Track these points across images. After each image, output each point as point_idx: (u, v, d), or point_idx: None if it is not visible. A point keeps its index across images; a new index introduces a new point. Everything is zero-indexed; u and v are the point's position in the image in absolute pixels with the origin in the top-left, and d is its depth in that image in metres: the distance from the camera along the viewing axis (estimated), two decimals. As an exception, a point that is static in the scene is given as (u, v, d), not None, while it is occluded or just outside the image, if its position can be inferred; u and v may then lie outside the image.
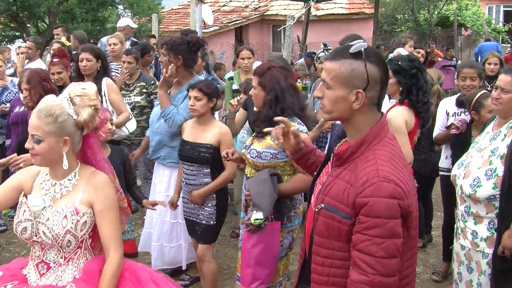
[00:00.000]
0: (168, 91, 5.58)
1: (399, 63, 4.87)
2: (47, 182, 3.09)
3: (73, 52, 8.75)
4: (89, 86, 3.05)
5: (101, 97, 6.16)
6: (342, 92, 2.51)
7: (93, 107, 2.97)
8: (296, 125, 4.18)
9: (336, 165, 2.65)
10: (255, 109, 4.59)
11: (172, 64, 5.42)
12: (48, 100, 2.97)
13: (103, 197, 3.04)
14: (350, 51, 2.48)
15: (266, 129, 3.48)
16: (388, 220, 2.37)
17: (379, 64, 2.50)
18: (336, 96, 2.53)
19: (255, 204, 4.09)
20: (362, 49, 2.48)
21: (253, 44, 19.76)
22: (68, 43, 9.13)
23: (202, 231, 5.09)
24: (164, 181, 5.71)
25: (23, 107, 6.89)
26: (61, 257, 3.04)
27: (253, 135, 4.52)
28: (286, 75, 4.42)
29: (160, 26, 17.95)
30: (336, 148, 2.73)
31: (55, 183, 3.06)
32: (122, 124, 6.24)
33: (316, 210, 2.66)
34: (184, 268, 5.80)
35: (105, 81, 6.29)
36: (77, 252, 3.06)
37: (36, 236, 3.01)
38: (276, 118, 3.22)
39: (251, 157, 4.36)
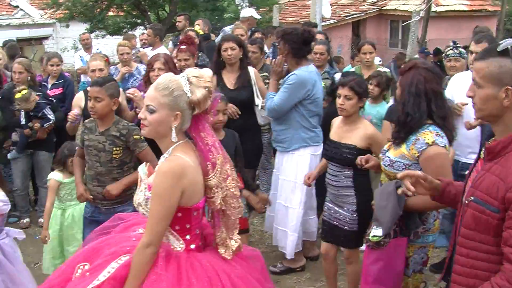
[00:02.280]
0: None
1: None
2: None
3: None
4: (206, 70, 3.13)
5: (252, 86, 6.22)
6: (491, 90, 2.62)
7: (207, 89, 3.02)
8: (434, 137, 3.82)
9: (487, 160, 2.72)
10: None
11: (280, 56, 5.55)
12: (167, 76, 3.13)
13: (154, 184, 3.04)
14: (498, 49, 2.56)
15: (399, 175, 3.23)
16: None
17: None
18: (486, 95, 2.64)
19: (376, 219, 3.87)
20: (509, 47, 2.53)
21: (369, 38, 19.39)
22: (201, 32, 9.19)
23: (344, 236, 4.90)
24: (277, 161, 5.99)
25: (144, 92, 7.00)
26: None
27: (391, 140, 4.18)
28: (428, 78, 3.89)
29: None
30: (489, 142, 2.78)
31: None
32: None
33: (466, 202, 2.74)
34: (289, 257, 5.82)
35: (252, 69, 6.40)
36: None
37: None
38: (399, 175, 3.19)
39: (384, 164, 4.08)
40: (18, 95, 6.77)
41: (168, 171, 3.00)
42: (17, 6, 27.65)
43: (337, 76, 6.19)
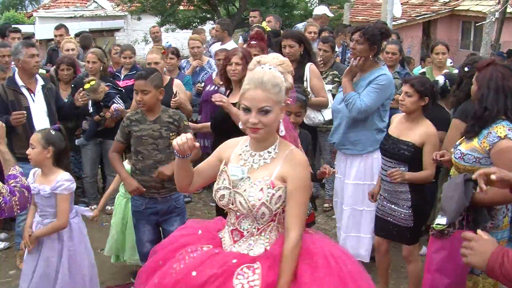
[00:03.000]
0: None
1: None
2: (246, 152, 3.15)
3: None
4: (277, 54, 3.12)
5: (303, 82, 6.17)
6: None
7: (291, 72, 3.01)
8: (507, 131, 3.88)
9: None
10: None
11: (360, 57, 5.39)
12: (265, 72, 2.99)
13: (297, 177, 3.01)
14: None
15: (474, 176, 3.12)
16: None
17: None
18: None
19: (442, 208, 3.89)
20: None
21: (440, 39, 19.01)
22: (268, 28, 9.21)
23: (398, 232, 4.94)
24: (341, 166, 5.77)
25: (214, 86, 7.06)
26: (254, 228, 3.09)
27: (464, 133, 4.22)
28: (506, 75, 4.00)
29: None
30: None
31: (254, 154, 3.12)
32: (316, 104, 6.35)
33: None
34: (366, 261, 5.67)
35: (309, 66, 6.35)
36: (270, 224, 3.09)
37: (232, 204, 3.09)
38: (474, 176, 3.08)
39: (455, 157, 4.15)
40: (86, 86, 6.91)
41: (304, 160, 3.06)
42: (91, -2, 28.34)
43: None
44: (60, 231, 4.61)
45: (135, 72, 7.98)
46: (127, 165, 5.50)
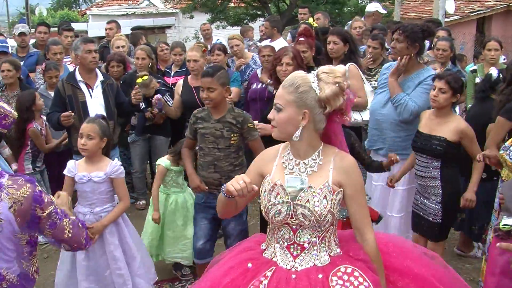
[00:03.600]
0: None
1: None
2: (290, 161, 3.07)
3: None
4: (339, 66, 3.04)
5: None
6: None
7: (337, 85, 2.87)
8: None
9: None
10: None
11: (406, 56, 5.31)
12: (295, 73, 3.03)
13: (353, 181, 2.99)
14: None
15: None
16: None
17: None
18: None
19: (507, 209, 3.76)
20: None
21: (495, 36, 18.60)
22: (315, 24, 9.16)
23: (427, 227, 4.98)
24: (384, 173, 5.50)
25: (261, 84, 7.04)
26: (315, 236, 3.01)
27: None
28: None
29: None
30: None
31: (299, 162, 3.04)
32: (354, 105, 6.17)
33: None
34: None
35: (348, 66, 6.22)
36: (329, 230, 3.04)
37: (292, 218, 2.99)
38: None
39: (510, 158, 3.99)
40: (139, 80, 6.96)
41: (354, 163, 3.06)
42: (143, -4, 28.74)
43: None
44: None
45: (185, 69, 8.06)
46: (166, 160, 5.57)
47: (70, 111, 6.09)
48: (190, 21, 23.26)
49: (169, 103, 7.22)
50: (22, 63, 7.99)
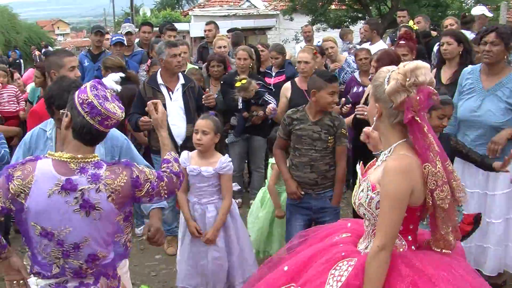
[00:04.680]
0: None
1: None
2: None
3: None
4: (421, 62, 2.95)
5: None
6: None
7: (397, 81, 2.82)
8: None
9: None
10: None
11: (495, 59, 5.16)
12: (384, 67, 3.05)
13: (383, 185, 2.91)
14: None
15: None
16: None
17: None
18: None
19: None
20: None
21: None
22: (415, 27, 9.07)
23: None
24: (479, 179, 5.36)
25: (361, 87, 7.05)
26: (370, 228, 3.10)
27: None
28: None
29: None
30: None
31: (381, 153, 3.11)
32: None
33: None
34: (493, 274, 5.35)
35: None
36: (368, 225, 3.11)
37: None
38: None
39: None
40: (237, 84, 7.08)
41: (400, 171, 2.87)
42: (244, -2, 29.13)
43: None
44: None
45: (284, 69, 8.16)
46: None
47: (149, 119, 6.20)
48: (290, 23, 23.39)
49: (271, 102, 7.23)
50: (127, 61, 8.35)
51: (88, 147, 2.98)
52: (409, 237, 3.05)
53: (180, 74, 6.59)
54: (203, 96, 6.66)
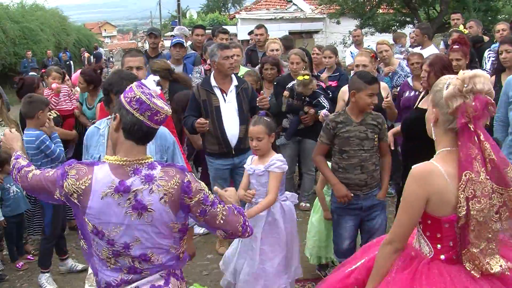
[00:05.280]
0: None
1: None
2: None
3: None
4: (480, 71, 2.94)
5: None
6: None
7: (455, 87, 2.84)
8: None
9: None
10: None
11: None
12: (446, 75, 3.09)
13: (404, 189, 3.00)
14: None
15: None
16: None
17: None
18: None
19: None
20: None
21: None
22: (466, 31, 9.02)
23: None
24: None
25: (414, 92, 7.06)
26: (418, 230, 3.13)
27: None
28: None
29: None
30: None
31: None
32: None
33: None
34: None
35: None
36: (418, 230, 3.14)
37: None
38: None
39: None
40: (299, 78, 7.15)
41: (417, 176, 2.92)
42: (291, 1, 29.23)
43: None
44: (273, 212, 4.95)
45: (338, 73, 8.19)
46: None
47: (206, 120, 6.22)
48: (337, 27, 23.38)
49: (325, 106, 7.28)
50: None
51: (141, 146, 2.97)
52: (438, 245, 3.01)
53: (233, 75, 6.58)
54: (257, 99, 6.70)
